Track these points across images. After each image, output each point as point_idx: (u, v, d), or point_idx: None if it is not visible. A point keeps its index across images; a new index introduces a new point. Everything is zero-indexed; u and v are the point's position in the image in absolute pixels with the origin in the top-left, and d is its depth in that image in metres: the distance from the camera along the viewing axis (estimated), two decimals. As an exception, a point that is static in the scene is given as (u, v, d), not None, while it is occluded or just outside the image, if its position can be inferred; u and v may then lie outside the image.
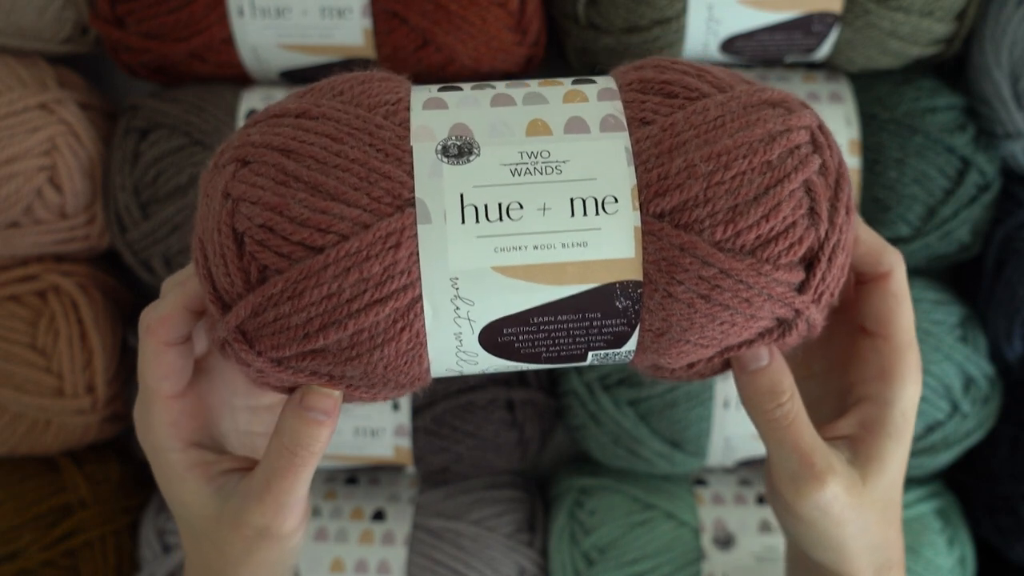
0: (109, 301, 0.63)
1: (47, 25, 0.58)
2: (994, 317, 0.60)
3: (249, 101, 0.58)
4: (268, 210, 0.31)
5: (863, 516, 0.37)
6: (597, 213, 0.32)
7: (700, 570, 0.58)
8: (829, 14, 0.54)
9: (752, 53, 0.57)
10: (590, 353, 0.35)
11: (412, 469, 0.62)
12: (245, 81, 0.60)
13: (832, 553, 0.39)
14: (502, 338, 0.34)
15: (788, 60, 0.59)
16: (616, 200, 0.32)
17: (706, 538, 0.59)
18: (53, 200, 0.57)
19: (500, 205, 0.32)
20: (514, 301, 0.32)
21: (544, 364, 0.36)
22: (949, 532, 0.60)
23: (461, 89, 0.35)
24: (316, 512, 0.61)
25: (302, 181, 0.31)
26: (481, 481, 0.64)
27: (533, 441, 0.61)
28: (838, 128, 0.56)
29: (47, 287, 0.60)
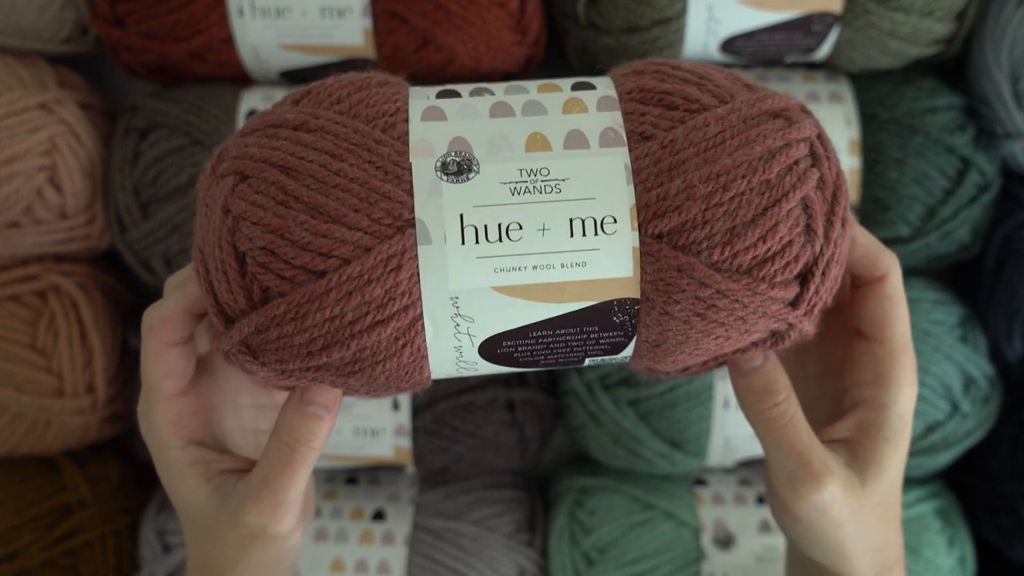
0: (109, 301, 0.63)
1: (47, 25, 0.58)
2: (994, 317, 0.60)
3: (249, 101, 0.58)
4: (270, 232, 0.31)
5: (862, 518, 0.37)
6: (596, 234, 0.32)
7: (700, 570, 0.58)
8: (829, 14, 0.54)
9: (752, 53, 0.57)
10: (587, 359, 0.36)
11: (412, 469, 0.62)
12: (245, 81, 0.60)
13: (832, 555, 0.39)
14: (501, 349, 0.34)
15: (788, 60, 0.59)
16: (615, 220, 0.32)
17: (706, 538, 0.59)
18: (53, 200, 0.57)
19: (500, 226, 0.32)
20: (513, 318, 0.33)
21: (542, 368, 0.36)
22: (949, 532, 0.60)
23: (460, 96, 0.35)
24: (316, 512, 0.61)
25: (302, 202, 0.31)
26: (481, 481, 0.64)
27: (533, 441, 0.61)
28: (838, 128, 0.56)
29: (47, 287, 0.60)
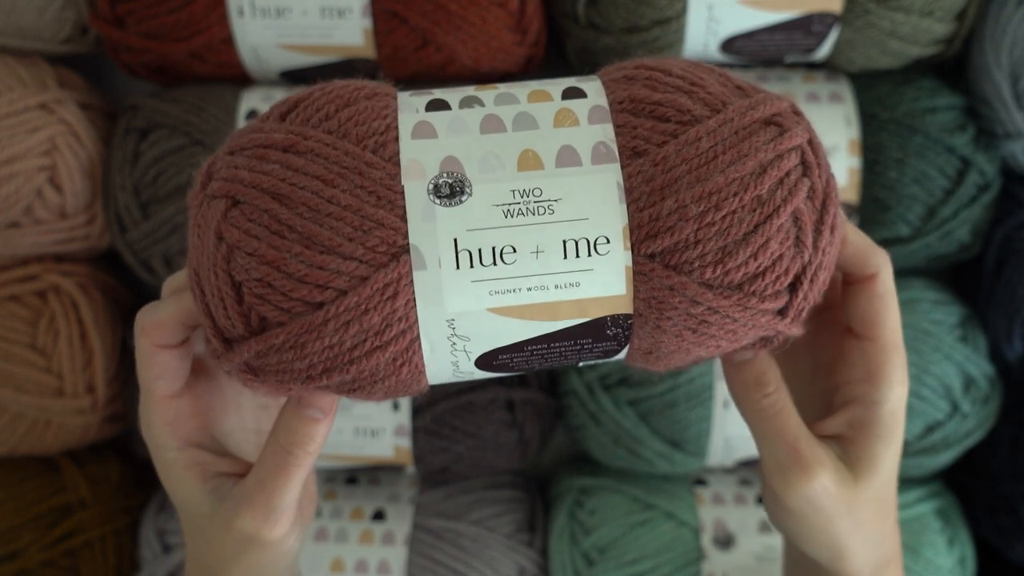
0: (109, 301, 0.63)
1: (47, 25, 0.58)
2: (994, 317, 0.60)
3: (249, 101, 0.58)
4: (265, 264, 0.32)
5: (856, 512, 0.37)
6: (589, 254, 0.32)
7: (700, 570, 0.58)
8: (829, 14, 0.54)
9: (752, 53, 0.57)
10: (581, 364, 0.37)
11: (412, 469, 0.62)
12: (245, 81, 0.60)
13: (827, 551, 0.39)
14: (497, 361, 0.35)
15: (788, 60, 0.59)
16: (608, 240, 0.32)
17: (706, 538, 0.59)
18: (53, 200, 0.57)
19: (494, 249, 0.32)
20: (508, 335, 0.33)
21: (537, 371, 0.37)
22: (949, 532, 0.60)
23: (449, 108, 0.35)
24: (316, 512, 0.61)
25: (296, 231, 0.32)
26: (481, 481, 0.64)
27: (533, 441, 0.61)
28: (838, 128, 0.56)
29: (47, 287, 0.60)
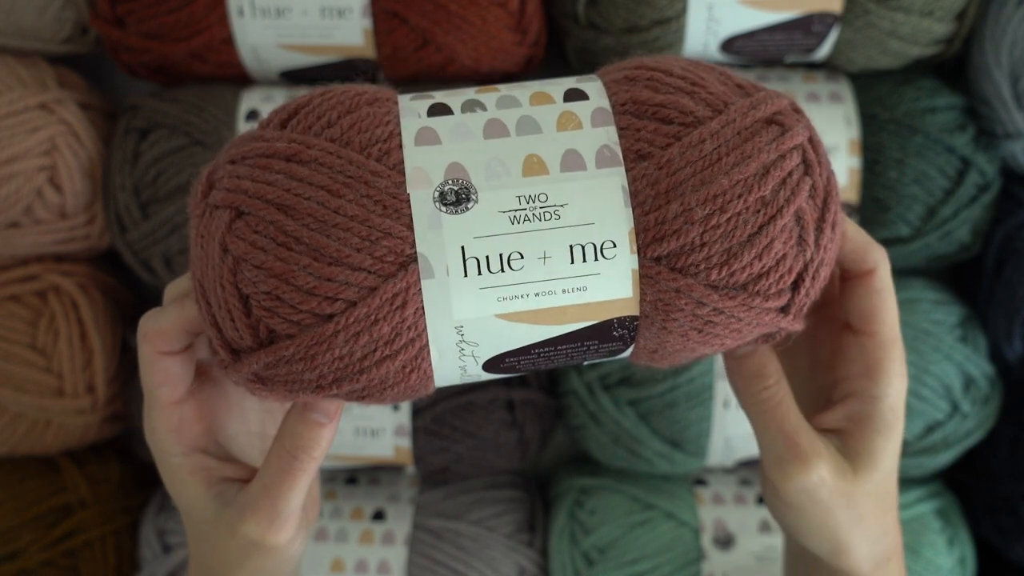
0: (109, 301, 0.63)
1: (47, 25, 0.58)
2: (994, 317, 0.60)
3: (249, 101, 0.58)
4: (273, 276, 0.31)
5: (856, 506, 0.38)
6: (596, 259, 0.32)
7: (700, 570, 0.58)
8: (829, 14, 0.54)
9: (752, 53, 0.57)
10: (586, 362, 0.37)
11: (412, 469, 0.62)
12: (245, 81, 0.60)
13: (827, 544, 0.39)
14: (504, 364, 0.35)
15: (788, 60, 0.59)
16: (615, 244, 0.32)
17: (706, 538, 0.59)
18: (53, 200, 0.57)
19: (501, 256, 0.32)
20: (516, 339, 0.33)
21: (541, 370, 0.37)
22: (949, 532, 0.60)
23: (452, 112, 0.35)
24: (316, 512, 0.61)
25: (303, 243, 0.31)
26: (481, 481, 0.64)
27: (533, 441, 0.61)
28: (838, 128, 0.56)
29: (47, 287, 0.60)
